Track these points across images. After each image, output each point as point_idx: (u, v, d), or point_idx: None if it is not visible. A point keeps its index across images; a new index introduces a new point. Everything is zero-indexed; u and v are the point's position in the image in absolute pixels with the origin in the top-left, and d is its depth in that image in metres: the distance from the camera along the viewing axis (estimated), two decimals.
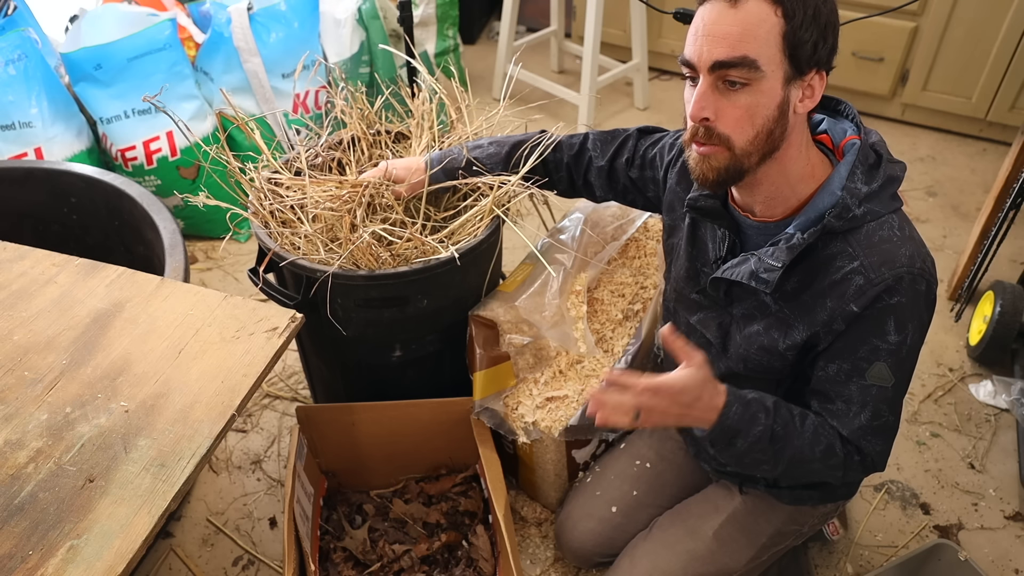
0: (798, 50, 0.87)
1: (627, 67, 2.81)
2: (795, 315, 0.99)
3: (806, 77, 0.89)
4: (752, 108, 0.88)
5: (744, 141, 0.90)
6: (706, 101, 0.89)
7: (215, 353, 0.99)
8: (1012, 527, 1.52)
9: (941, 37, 2.51)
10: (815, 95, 0.91)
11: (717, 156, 0.92)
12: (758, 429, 0.96)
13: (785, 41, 0.86)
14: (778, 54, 0.86)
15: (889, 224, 0.94)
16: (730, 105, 0.89)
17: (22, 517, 0.80)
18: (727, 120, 0.90)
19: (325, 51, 2.33)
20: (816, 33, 0.87)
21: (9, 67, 1.86)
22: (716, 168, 0.93)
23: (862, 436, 0.99)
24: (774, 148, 0.92)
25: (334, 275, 1.21)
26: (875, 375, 0.96)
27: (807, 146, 0.96)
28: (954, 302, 2.03)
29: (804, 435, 0.98)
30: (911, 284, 0.92)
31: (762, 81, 0.87)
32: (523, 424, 1.35)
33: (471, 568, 1.40)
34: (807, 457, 0.99)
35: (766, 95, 0.88)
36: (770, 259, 0.94)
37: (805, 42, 0.86)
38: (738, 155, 0.91)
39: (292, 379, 1.84)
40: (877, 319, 0.94)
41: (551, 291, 1.40)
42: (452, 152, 1.32)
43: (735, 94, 0.88)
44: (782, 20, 0.85)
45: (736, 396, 0.97)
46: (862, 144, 0.95)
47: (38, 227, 1.64)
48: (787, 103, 0.90)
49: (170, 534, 1.51)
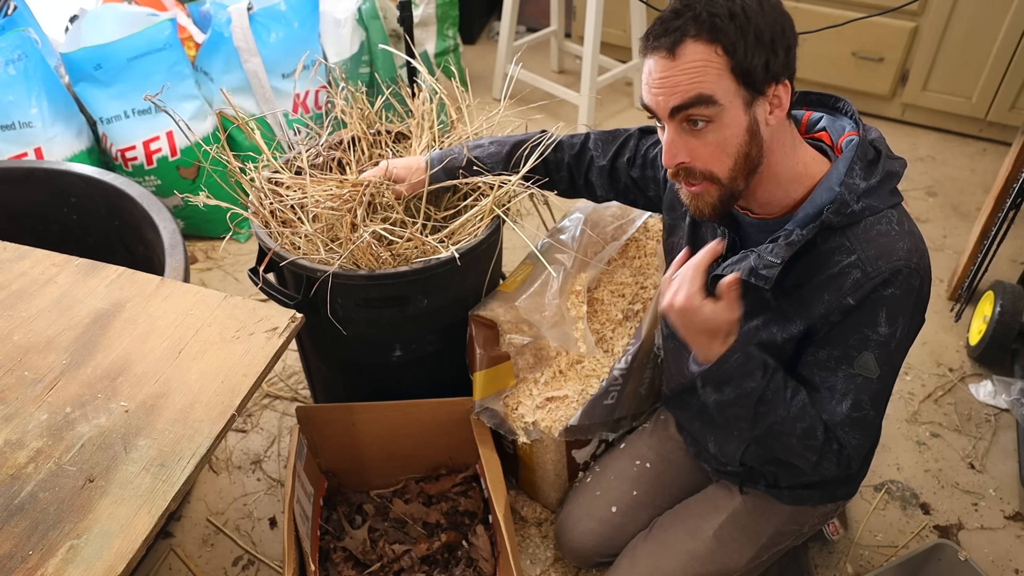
0: (750, 75, 0.87)
1: (627, 67, 2.81)
2: (793, 309, 1.00)
3: (768, 93, 0.89)
4: (722, 142, 0.90)
5: (725, 171, 0.92)
6: (676, 148, 0.92)
7: (215, 353, 0.99)
8: (1012, 527, 1.52)
9: (941, 37, 2.51)
10: (783, 104, 0.91)
11: (709, 192, 0.95)
12: (750, 385, 0.98)
13: (734, 74, 0.87)
14: (731, 85, 0.87)
15: (888, 218, 0.94)
16: (700, 144, 0.91)
17: (22, 517, 0.80)
18: (702, 157, 0.92)
19: (325, 51, 2.33)
20: (764, 53, 0.86)
21: (9, 67, 1.86)
22: (711, 204, 0.96)
23: (840, 425, 1.00)
24: (757, 165, 0.93)
25: (334, 275, 1.21)
26: (862, 364, 0.97)
27: (794, 148, 0.97)
28: (954, 302, 2.03)
29: (791, 408, 0.99)
30: (907, 278, 0.93)
31: (723, 114, 0.88)
32: (523, 424, 1.35)
33: (471, 568, 1.40)
34: (787, 430, 1.00)
35: (731, 126, 0.89)
36: (769, 256, 0.95)
37: (755, 66, 0.86)
38: (726, 185, 0.93)
39: (292, 379, 1.84)
40: (870, 309, 0.94)
41: (551, 291, 1.40)
42: (453, 151, 1.32)
43: (701, 133, 0.90)
44: (725, 57, 0.86)
45: (743, 346, 0.98)
46: (861, 140, 0.95)
47: (38, 227, 1.64)
48: (755, 124, 0.90)
49: (170, 534, 1.51)
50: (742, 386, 0.98)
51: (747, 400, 0.99)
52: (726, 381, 0.98)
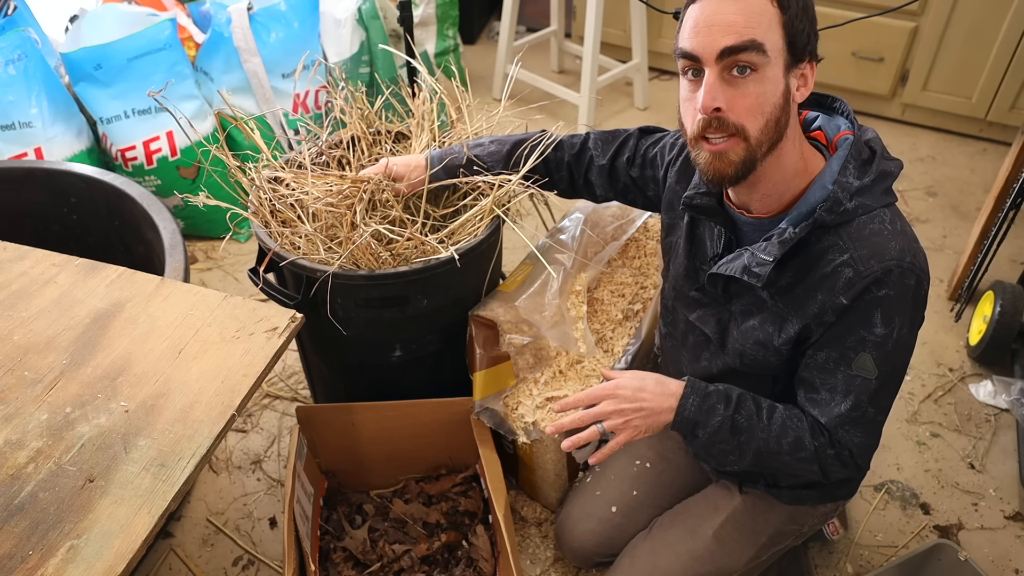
0: (795, 39, 0.89)
1: (627, 67, 2.82)
2: (789, 309, 1.00)
3: (801, 66, 0.92)
4: (760, 96, 0.89)
5: (756, 129, 0.90)
6: (716, 91, 0.89)
7: (215, 353, 0.99)
8: (1012, 527, 1.52)
9: (941, 37, 2.51)
10: (808, 84, 0.94)
11: (735, 150, 0.91)
12: (716, 420, 1.02)
13: (784, 29, 0.88)
14: (779, 41, 0.88)
15: (880, 218, 0.94)
16: (739, 94, 0.89)
17: (22, 517, 0.80)
18: (738, 109, 0.89)
19: (325, 51, 2.33)
20: (808, 24, 0.90)
21: (9, 67, 1.86)
22: (733, 163, 0.92)
23: (839, 424, 1.00)
24: (780, 138, 0.93)
25: (334, 275, 1.21)
26: (859, 365, 0.97)
27: (800, 139, 0.98)
28: (954, 302, 2.03)
29: (771, 428, 1.01)
30: (900, 278, 0.93)
31: (767, 67, 0.88)
32: (523, 424, 1.35)
33: (471, 568, 1.40)
34: (774, 449, 1.02)
35: (772, 82, 0.89)
36: (762, 254, 0.95)
37: (800, 31, 0.89)
38: (753, 145, 0.91)
39: (292, 379, 1.84)
40: (864, 311, 0.94)
41: (551, 291, 1.40)
42: (453, 150, 1.33)
43: (743, 83, 0.88)
44: (779, 10, 0.88)
45: (695, 388, 1.04)
46: (855, 139, 0.95)
47: (38, 227, 1.64)
48: (789, 91, 0.92)
49: (170, 534, 1.51)
50: (710, 423, 1.02)
51: (721, 433, 1.03)
52: (694, 425, 1.03)
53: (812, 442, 1.01)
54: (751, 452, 1.03)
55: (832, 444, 1.01)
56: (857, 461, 1.03)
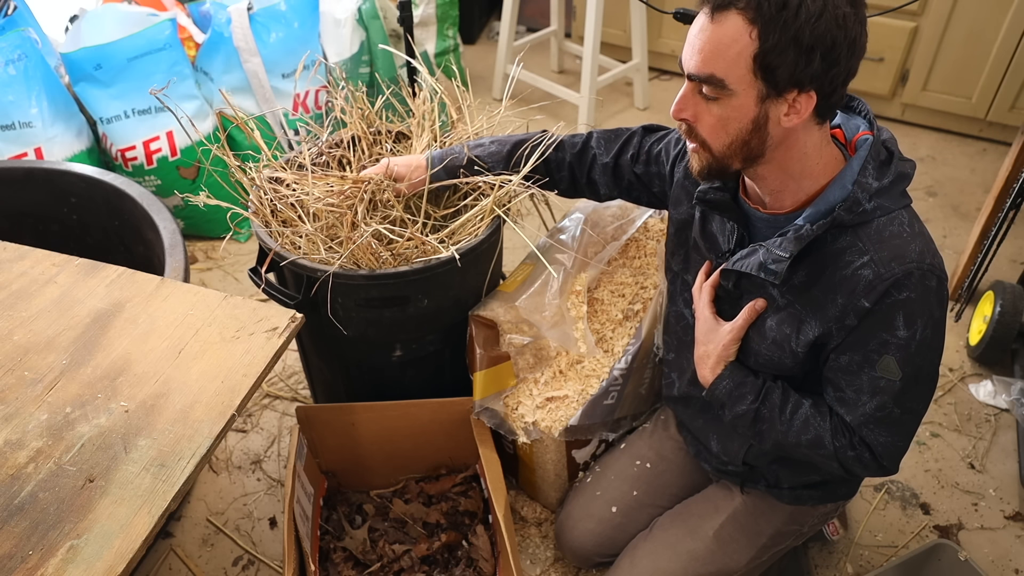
0: (772, 72, 0.85)
1: (627, 67, 2.81)
2: (806, 311, 0.99)
3: (786, 96, 0.88)
4: (723, 119, 0.91)
5: (720, 147, 0.94)
6: (685, 103, 0.93)
7: (215, 353, 0.99)
8: (1012, 527, 1.52)
9: (941, 37, 2.51)
10: (801, 113, 0.89)
11: (701, 156, 0.97)
12: (741, 408, 1.07)
13: (756, 63, 0.85)
14: (747, 75, 0.86)
15: (899, 220, 0.94)
16: (706, 112, 0.92)
17: (22, 517, 0.80)
18: (703, 125, 0.93)
19: (325, 51, 2.33)
20: (795, 55, 0.83)
21: (9, 67, 1.86)
22: (701, 164, 0.98)
23: (864, 423, 1.00)
24: (758, 155, 0.94)
25: (335, 275, 1.21)
26: (883, 367, 0.97)
27: (818, 150, 0.95)
28: (954, 302, 2.03)
29: (792, 423, 1.04)
30: (921, 280, 0.92)
31: (732, 98, 0.89)
32: (523, 424, 1.35)
33: (471, 568, 1.40)
34: (792, 442, 1.05)
35: (737, 110, 0.89)
36: (778, 250, 0.95)
37: (779, 65, 0.84)
38: (718, 157, 0.95)
39: (292, 379, 1.84)
40: (886, 314, 0.94)
41: (551, 291, 1.40)
42: (453, 151, 1.32)
43: (709, 103, 0.91)
44: (755, 42, 0.84)
45: (732, 374, 1.08)
46: (874, 140, 0.95)
47: (38, 227, 1.64)
48: (763, 118, 0.90)
49: (170, 534, 1.51)
50: (735, 409, 1.08)
51: (744, 420, 1.07)
52: (720, 405, 1.10)
53: (832, 442, 1.01)
54: (769, 441, 1.07)
55: (853, 446, 1.01)
56: (882, 462, 1.02)
